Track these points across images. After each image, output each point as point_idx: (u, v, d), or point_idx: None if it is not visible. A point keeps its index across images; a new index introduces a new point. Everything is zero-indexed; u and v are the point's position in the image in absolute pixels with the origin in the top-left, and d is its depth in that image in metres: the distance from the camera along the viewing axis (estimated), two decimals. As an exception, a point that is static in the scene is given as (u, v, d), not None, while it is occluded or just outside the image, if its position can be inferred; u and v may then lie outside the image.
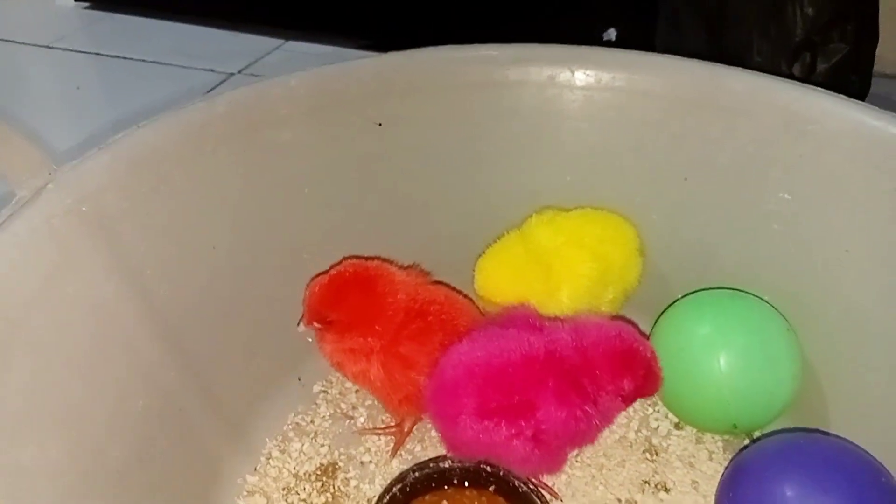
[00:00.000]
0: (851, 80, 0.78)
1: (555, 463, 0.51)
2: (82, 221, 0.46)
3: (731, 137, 0.57)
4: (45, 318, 0.42)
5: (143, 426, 0.47)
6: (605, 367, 0.49)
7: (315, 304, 0.52)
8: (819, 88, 0.55)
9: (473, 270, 0.59)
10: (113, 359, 0.46)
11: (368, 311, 0.52)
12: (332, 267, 0.54)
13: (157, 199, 0.50)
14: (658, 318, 0.58)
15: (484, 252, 0.60)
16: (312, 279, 0.54)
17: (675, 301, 0.58)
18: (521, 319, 0.52)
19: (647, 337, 0.56)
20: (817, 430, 0.52)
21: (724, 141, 0.57)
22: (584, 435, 0.50)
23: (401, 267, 0.56)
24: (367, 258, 0.56)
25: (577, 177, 0.63)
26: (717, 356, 0.52)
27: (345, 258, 0.56)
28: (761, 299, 0.55)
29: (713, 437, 0.57)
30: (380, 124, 0.59)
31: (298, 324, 0.53)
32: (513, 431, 0.47)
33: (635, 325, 0.55)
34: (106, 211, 0.47)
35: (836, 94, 0.54)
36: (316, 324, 0.53)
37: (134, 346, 0.48)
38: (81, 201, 0.46)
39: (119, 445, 0.45)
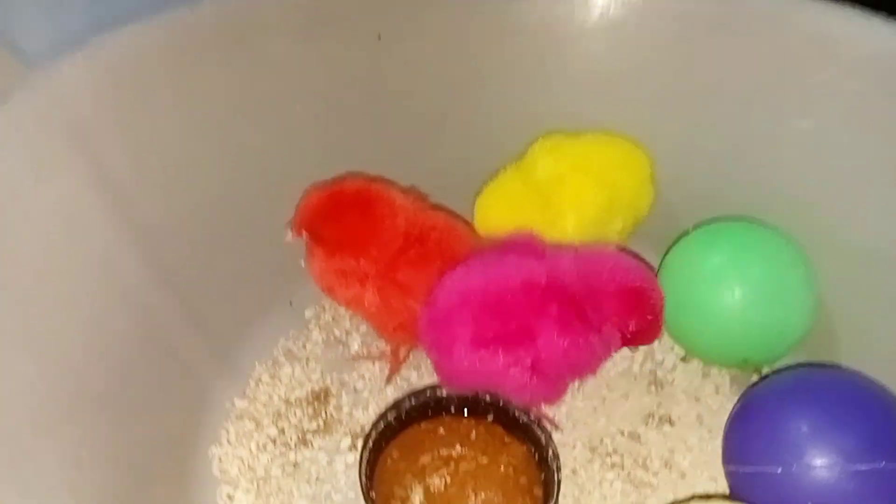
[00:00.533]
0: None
1: (554, 393, 0.50)
2: (56, 127, 0.43)
3: (751, 60, 0.54)
4: (15, 230, 0.40)
5: (124, 348, 0.46)
6: (612, 301, 0.46)
7: (308, 214, 0.50)
8: (845, 5, 0.51)
9: (473, 195, 0.57)
10: (89, 275, 0.44)
11: (364, 233, 0.50)
12: (333, 179, 0.52)
13: (138, 108, 0.48)
14: (670, 247, 0.55)
15: (482, 190, 0.57)
16: (310, 186, 0.51)
17: (689, 231, 0.55)
18: (523, 246, 0.50)
19: (655, 272, 0.53)
20: (830, 365, 0.51)
21: (744, 64, 0.55)
22: (584, 365, 0.48)
23: (401, 190, 0.54)
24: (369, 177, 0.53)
25: (585, 99, 0.60)
26: (732, 287, 0.50)
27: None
28: (778, 230, 0.53)
29: (720, 371, 0.55)
30: (379, 36, 0.56)
31: (285, 231, 0.50)
32: (510, 360, 0.45)
33: (639, 258, 0.53)
34: (81, 118, 0.44)
35: (863, 11, 0.51)
36: (305, 235, 0.50)
37: (113, 263, 0.46)
38: (55, 106, 0.43)
39: (98, 367, 0.44)
